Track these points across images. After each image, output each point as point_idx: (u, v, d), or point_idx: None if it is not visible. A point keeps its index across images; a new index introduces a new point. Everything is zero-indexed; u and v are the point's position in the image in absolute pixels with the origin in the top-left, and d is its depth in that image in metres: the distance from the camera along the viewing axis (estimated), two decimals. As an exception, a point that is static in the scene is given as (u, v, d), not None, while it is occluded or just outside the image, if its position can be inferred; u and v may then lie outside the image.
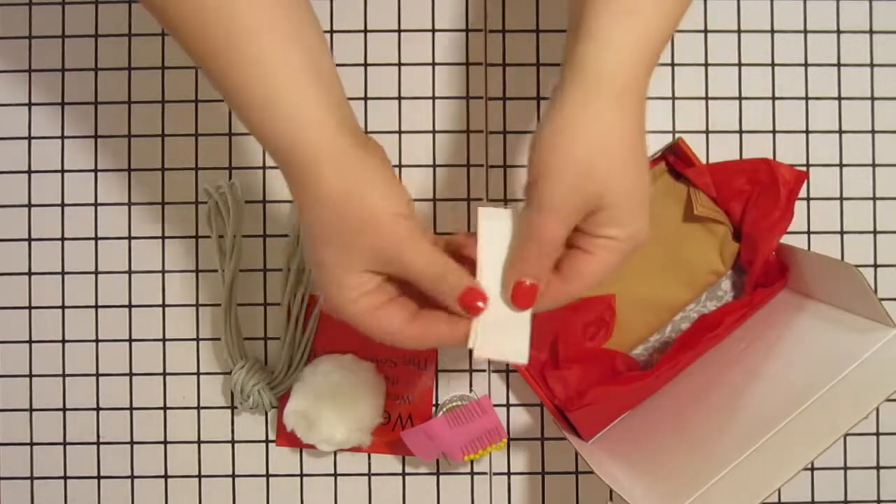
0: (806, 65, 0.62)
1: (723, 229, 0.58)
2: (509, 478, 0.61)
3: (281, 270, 0.61)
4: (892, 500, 0.62)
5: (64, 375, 0.62)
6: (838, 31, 0.62)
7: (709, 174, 0.58)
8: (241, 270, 0.61)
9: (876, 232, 0.62)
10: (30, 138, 0.62)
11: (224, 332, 0.59)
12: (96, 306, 0.62)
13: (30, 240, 0.62)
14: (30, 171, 0.62)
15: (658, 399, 0.58)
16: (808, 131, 0.62)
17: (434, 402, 0.61)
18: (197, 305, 0.61)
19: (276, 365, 0.59)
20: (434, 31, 0.62)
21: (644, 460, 0.53)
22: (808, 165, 0.62)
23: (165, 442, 0.61)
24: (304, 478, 0.61)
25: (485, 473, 0.61)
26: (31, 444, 0.62)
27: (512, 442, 0.61)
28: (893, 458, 0.62)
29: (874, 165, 0.62)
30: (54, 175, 0.62)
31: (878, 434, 0.62)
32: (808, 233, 0.62)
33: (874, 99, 0.62)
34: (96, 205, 0.62)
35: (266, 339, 0.61)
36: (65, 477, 0.61)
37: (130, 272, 0.62)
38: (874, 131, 0.62)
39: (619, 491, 0.45)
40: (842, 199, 0.62)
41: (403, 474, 0.61)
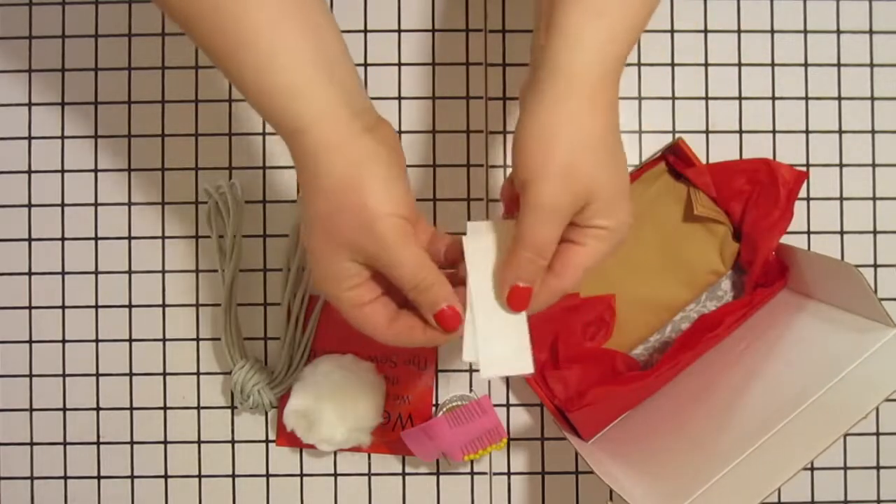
0: (806, 65, 0.62)
1: (723, 229, 0.58)
2: (509, 478, 0.61)
3: (281, 270, 0.61)
4: (892, 500, 0.62)
5: (64, 375, 0.62)
6: (838, 31, 0.62)
7: (709, 174, 0.58)
8: (241, 270, 0.61)
9: (876, 232, 0.62)
10: (30, 138, 0.62)
11: (224, 332, 0.59)
12: (96, 306, 0.62)
13: (30, 240, 0.62)
14: (30, 171, 0.62)
15: (658, 399, 0.58)
16: (808, 131, 0.62)
17: (434, 402, 0.61)
18: (197, 305, 0.61)
19: (276, 365, 0.59)
20: (434, 31, 0.62)
21: (644, 460, 0.53)
22: (808, 165, 0.62)
23: (165, 442, 0.61)
24: (304, 478, 0.61)
25: (485, 473, 0.61)
26: (31, 444, 0.62)
27: (512, 442, 0.61)
28: (893, 458, 0.62)
29: (874, 165, 0.62)
30: (54, 175, 0.62)
31: (878, 434, 0.62)
32: (808, 233, 0.62)
33: (874, 99, 0.62)
34: (96, 205, 0.62)
35: (266, 339, 0.61)
36: (65, 477, 0.61)
37: (130, 272, 0.62)
38: (874, 131, 0.62)
39: (619, 491, 0.46)
40: (842, 199, 0.62)
41: (403, 474, 0.61)
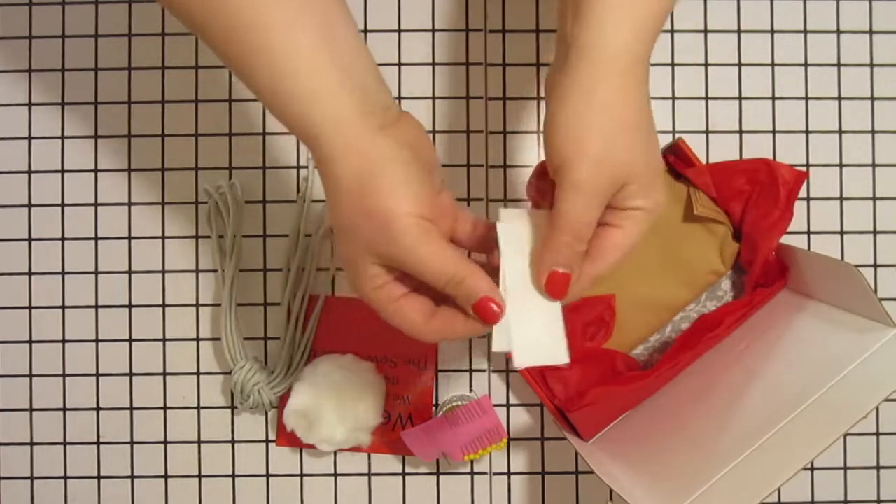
0: (806, 65, 0.62)
1: (723, 229, 0.58)
2: (509, 478, 0.61)
3: (281, 270, 0.61)
4: (892, 500, 0.62)
5: (64, 375, 0.62)
6: (838, 31, 0.62)
7: (709, 174, 0.58)
8: (241, 270, 0.61)
9: (876, 232, 0.62)
10: (30, 138, 0.62)
11: (224, 332, 0.59)
12: (96, 306, 0.62)
13: (30, 240, 0.62)
14: (30, 171, 0.62)
15: (658, 399, 0.58)
16: (808, 131, 0.62)
17: (434, 402, 0.61)
18: (197, 305, 0.61)
19: (276, 365, 0.59)
20: (434, 31, 0.62)
21: (644, 460, 0.53)
22: (808, 165, 0.62)
23: (165, 442, 0.61)
24: (304, 478, 0.61)
25: (485, 473, 0.61)
26: (31, 444, 0.62)
27: (512, 442, 0.61)
28: (893, 458, 0.62)
29: (874, 165, 0.62)
30: (54, 175, 0.62)
31: (878, 434, 0.62)
32: (808, 233, 0.62)
33: (874, 99, 0.62)
34: (96, 205, 0.62)
35: (266, 339, 0.61)
36: (65, 477, 0.61)
37: (130, 272, 0.62)
38: (874, 131, 0.62)
39: (619, 491, 0.45)
40: (842, 199, 0.62)
41: (403, 474, 0.61)
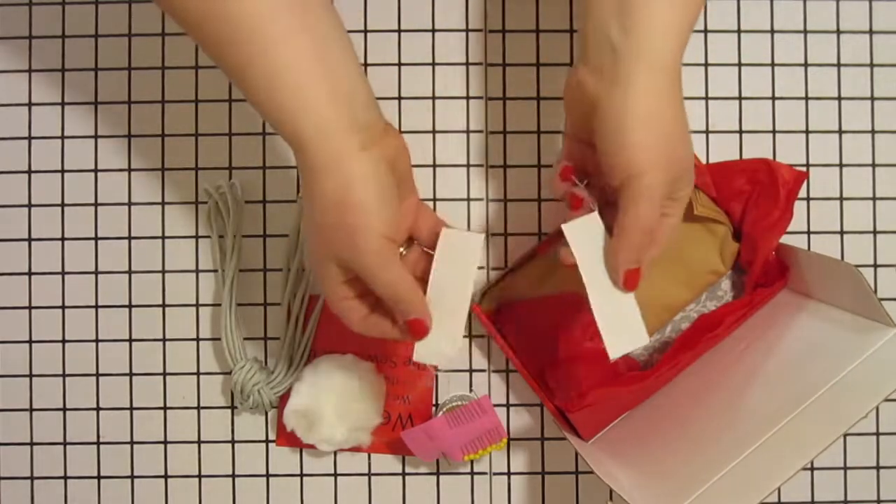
0: (806, 65, 0.62)
1: (723, 229, 0.58)
2: (509, 478, 0.61)
3: (281, 270, 0.61)
4: (892, 500, 0.62)
5: (64, 375, 0.61)
6: (838, 31, 0.62)
7: (709, 174, 0.58)
8: (241, 270, 0.61)
9: (876, 232, 0.62)
10: (30, 138, 0.62)
11: (224, 332, 0.59)
12: (96, 306, 0.62)
13: (30, 240, 0.62)
14: (30, 171, 0.62)
15: (658, 399, 0.58)
16: (808, 131, 0.62)
17: (434, 402, 0.61)
18: (197, 305, 0.61)
19: (276, 365, 0.59)
20: (434, 31, 0.62)
21: (644, 460, 0.53)
22: (808, 165, 0.62)
23: (165, 442, 0.61)
24: (304, 478, 0.61)
25: (485, 473, 0.61)
26: (31, 444, 0.62)
27: (512, 442, 0.61)
28: (893, 458, 0.62)
29: (874, 165, 0.62)
30: (54, 175, 0.62)
31: (878, 434, 0.62)
32: (808, 233, 0.62)
33: (874, 99, 0.62)
34: (96, 205, 0.62)
35: (266, 339, 0.61)
36: (65, 477, 0.61)
37: (130, 272, 0.62)
38: (874, 131, 0.62)
39: (619, 491, 0.45)
40: (842, 199, 0.62)
41: (403, 474, 0.61)
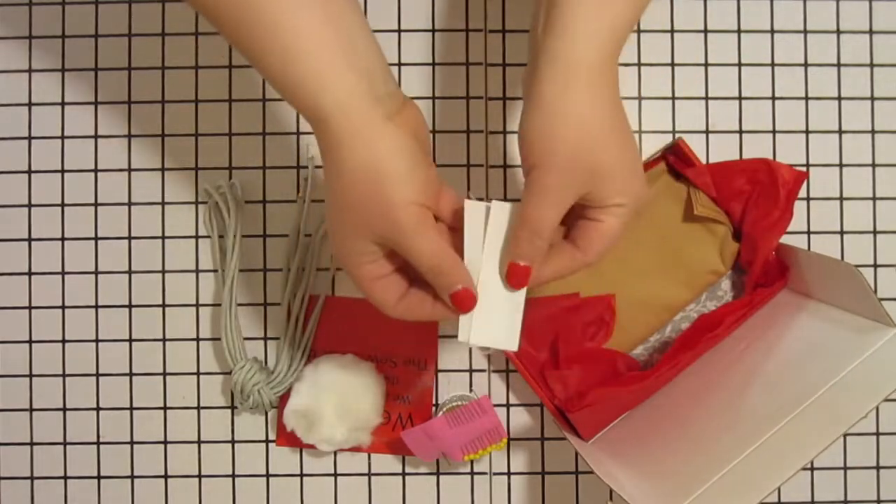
0: (806, 65, 0.62)
1: (723, 229, 0.58)
2: (509, 478, 0.61)
3: (281, 270, 0.61)
4: (892, 500, 0.62)
5: (64, 375, 0.61)
6: (838, 31, 0.62)
7: (709, 174, 0.58)
8: (241, 270, 0.61)
9: (876, 232, 0.62)
10: (30, 138, 0.62)
11: (224, 332, 0.59)
12: (96, 306, 0.62)
13: (30, 240, 0.62)
14: (30, 171, 0.62)
15: (658, 399, 0.58)
16: (808, 131, 0.62)
17: (434, 402, 0.61)
18: (197, 305, 0.61)
19: (276, 365, 0.59)
20: (434, 31, 0.62)
21: (644, 460, 0.53)
22: (808, 165, 0.62)
23: (165, 442, 0.61)
24: (304, 478, 0.61)
25: (485, 473, 0.61)
26: (31, 444, 0.62)
27: (512, 442, 0.61)
28: (893, 458, 0.62)
29: (874, 165, 0.62)
30: (54, 175, 0.62)
31: (878, 434, 0.62)
32: (808, 233, 0.62)
33: (874, 99, 0.62)
34: (96, 205, 0.62)
35: (266, 339, 0.61)
36: (65, 477, 0.61)
37: (130, 272, 0.62)
38: (874, 131, 0.62)
39: (619, 491, 0.45)
40: (842, 199, 0.62)
41: (403, 474, 0.61)
